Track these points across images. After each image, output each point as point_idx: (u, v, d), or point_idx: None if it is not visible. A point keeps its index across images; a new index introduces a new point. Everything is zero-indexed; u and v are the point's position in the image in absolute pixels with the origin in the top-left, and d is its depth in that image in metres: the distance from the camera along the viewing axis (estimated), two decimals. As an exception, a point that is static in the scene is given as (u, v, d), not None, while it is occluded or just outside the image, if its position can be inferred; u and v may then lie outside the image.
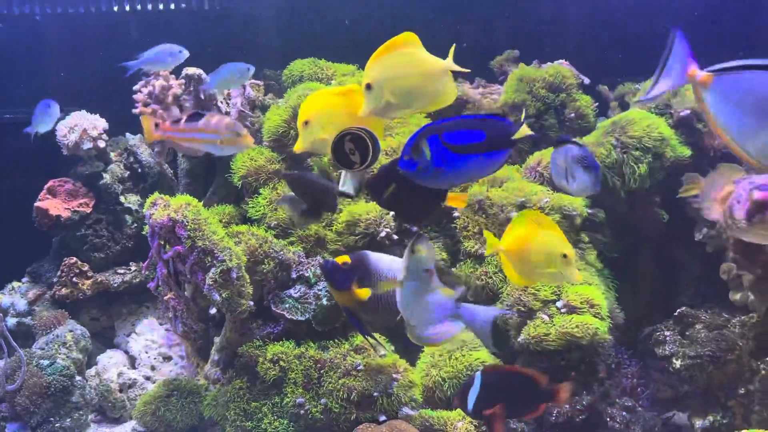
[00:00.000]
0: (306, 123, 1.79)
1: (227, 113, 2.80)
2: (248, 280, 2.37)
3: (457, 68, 1.73)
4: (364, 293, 1.89)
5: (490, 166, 1.62)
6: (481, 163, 1.59)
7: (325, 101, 1.81)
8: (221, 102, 2.77)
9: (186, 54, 2.51)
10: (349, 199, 2.64)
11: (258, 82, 2.90)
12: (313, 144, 1.79)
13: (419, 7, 2.98)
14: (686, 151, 2.58)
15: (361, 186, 1.94)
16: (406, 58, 1.69)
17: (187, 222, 2.27)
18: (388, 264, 1.96)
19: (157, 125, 2.04)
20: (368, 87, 1.65)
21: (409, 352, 2.62)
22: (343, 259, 1.89)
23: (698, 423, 2.39)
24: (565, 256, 1.64)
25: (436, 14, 3.44)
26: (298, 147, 1.80)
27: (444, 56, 1.67)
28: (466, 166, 1.59)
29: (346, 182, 1.94)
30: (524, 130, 1.62)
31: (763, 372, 2.32)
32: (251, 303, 2.38)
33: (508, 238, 1.72)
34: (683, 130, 2.64)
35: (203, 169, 2.92)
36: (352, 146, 1.78)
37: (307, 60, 3.07)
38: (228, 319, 2.52)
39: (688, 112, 2.62)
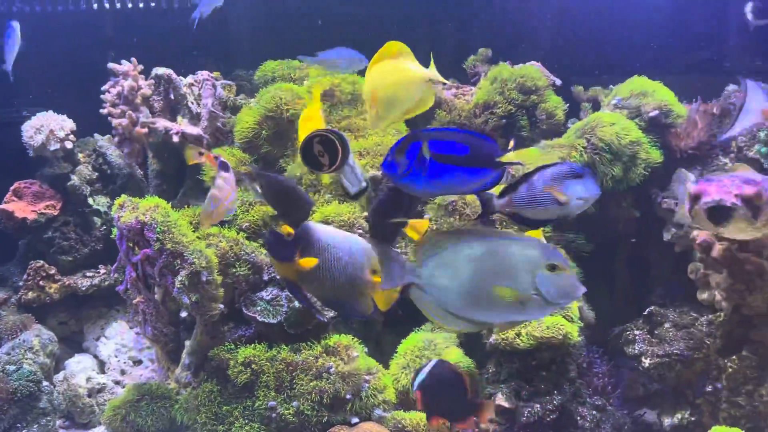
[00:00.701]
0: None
1: (198, 114, 2.77)
2: (219, 283, 2.35)
3: (440, 78, 1.77)
4: (310, 262, 1.85)
5: (470, 182, 1.62)
6: (460, 177, 1.60)
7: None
8: (192, 102, 2.74)
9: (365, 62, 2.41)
10: (324, 201, 2.64)
11: (229, 82, 2.88)
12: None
13: (393, 7, 2.98)
14: (657, 154, 2.61)
15: (360, 188, 1.92)
16: (389, 69, 1.73)
17: (156, 224, 2.24)
18: (332, 234, 1.92)
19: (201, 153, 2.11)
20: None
21: (383, 353, 2.62)
22: (287, 229, 1.85)
23: (667, 421, 2.42)
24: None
25: (410, 14, 3.44)
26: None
27: (420, 57, 1.70)
28: (444, 178, 1.59)
29: (347, 185, 1.92)
30: (512, 156, 1.63)
31: (730, 370, 2.36)
32: (222, 306, 2.35)
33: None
34: (653, 131, 2.67)
35: (174, 170, 2.88)
36: (321, 148, 1.78)
37: (279, 61, 3.05)
38: (199, 323, 2.49)
39: (657, 112, 2.65)
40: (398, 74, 1.75)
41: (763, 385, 2.32)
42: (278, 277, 2.17)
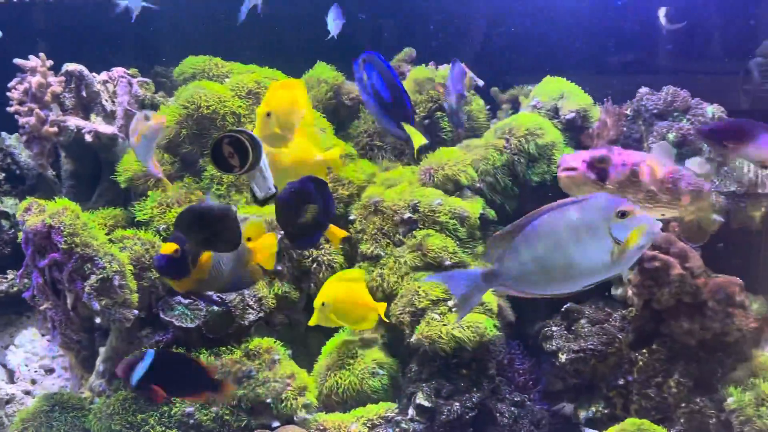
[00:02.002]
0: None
1: (113, 112, 2.67)
2: (133, 288, 2.28)
3: (336, 162, 2.07)
4: (203, 267, 1.82)
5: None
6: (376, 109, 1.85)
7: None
8: (106, 100, 2.64)
9: None
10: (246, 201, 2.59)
11: (146, 79, 2.79)
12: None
13: (313, 7, 2.94)
14: (571, 152, 2.68)
15: (268, 194, 1.88)
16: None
17: (64, 227, 2.15)
18: None
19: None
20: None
21: (311, 354, 2.60)
22: (171, 246, 1.80)
23: (582, 414, 2.48)
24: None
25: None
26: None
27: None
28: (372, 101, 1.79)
29: (255, 190, 1.88)
30: (412, 132, 1.67)
31: (640, 363, 2.44)
32: (136, 311, 2.28)
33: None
34: (569, 132, 2.75)
35: (89, 171, 2.78)
36: (231, 149, 1.74)
37: (201, 57, 2.97)
38: (113, 328, 2.41)
39: (574, 115, 2.72)
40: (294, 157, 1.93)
41: (672, 377, 2.41)
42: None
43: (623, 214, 1.42)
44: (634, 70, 3.28)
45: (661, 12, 3.12)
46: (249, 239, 1.86)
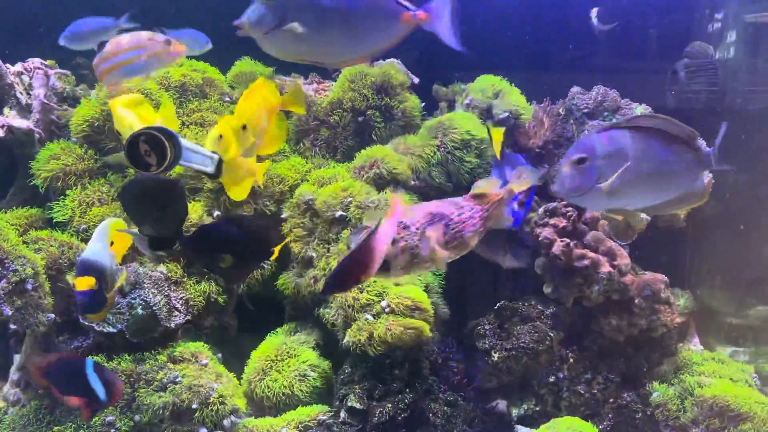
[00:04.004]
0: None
1: (29, 105, 2.53)
2: (48, 291, 2.16)
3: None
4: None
5: None
6: None
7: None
8: (21, 93, 2.49)
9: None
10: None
11: (65, 72, 2.64)
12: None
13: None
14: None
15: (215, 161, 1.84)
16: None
17: (-30, 229, 2.02)
18: (98, 251, 1.85)
19: None
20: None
21: (240, 357, 2.53)
22: (87, 281, 1.76)
23: (515, 411, 2.50)
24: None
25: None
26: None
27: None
28: None
29: None
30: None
31: (571, 360, 2.48)
32: (51, 316, 2.17)
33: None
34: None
35: (2, 168, 2.62)
36: (148, 147, 1.66)
37: (125, 49, 2.84)
38: (28, 334, 2.28)
39: (507, 114, 2.73)
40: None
41: (600, 374, 2.46)
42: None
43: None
44: (567, 68, 3.32)
45: (593, 12, 3.16)
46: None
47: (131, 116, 1.94)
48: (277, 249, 1.85)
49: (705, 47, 3.11)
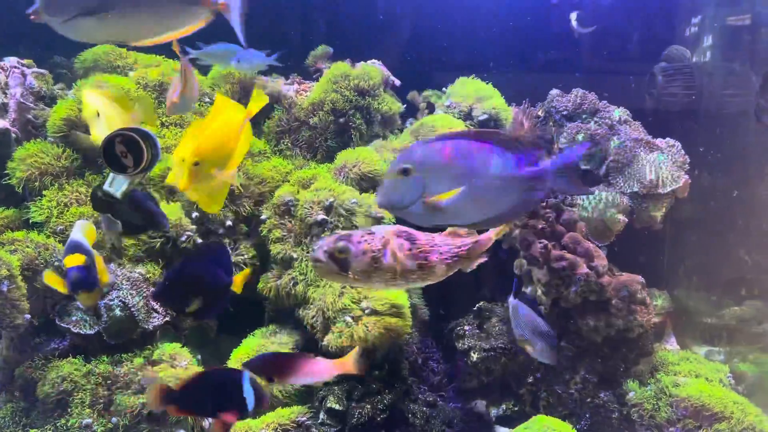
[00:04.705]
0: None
1: (5, 105, 2.50)
2: (24, 292, 2.14)
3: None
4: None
5: None
6: None
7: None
8: (-4, 93, 2.46)
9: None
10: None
11: (42, 71, 2.62)
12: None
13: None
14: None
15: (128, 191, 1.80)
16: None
17: (-56, 230, 1.99)
18: (82, 238, 1.85)
19: None
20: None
21: (220, 358, 2.52)
22: (78, 258, 1.74)
23: (494, 411, 2.52)
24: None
25: (252, 7, 3.32)
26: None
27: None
28: None
29: (114, 183, 1.77)
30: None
31: (549, 360, 2.50)
32: (28, 316, 2.15)
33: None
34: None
35: (-22, 167, 2.58)
36: (124, 149, 1.65)
37: (104, 47, 2.81)
38: (4, 336, 2.26)
39: (487, 116, 2.75)
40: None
41: (578, 373, 2.48)
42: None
43: None
44: (547, 71, 3.35)
45: (573, 16, 3.19)
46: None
47: (98, 101, 1.89)
48: (240, 283, 1.87)
49: (682, 51, 3.16)
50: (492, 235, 1.80)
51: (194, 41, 2.47)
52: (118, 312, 2.26)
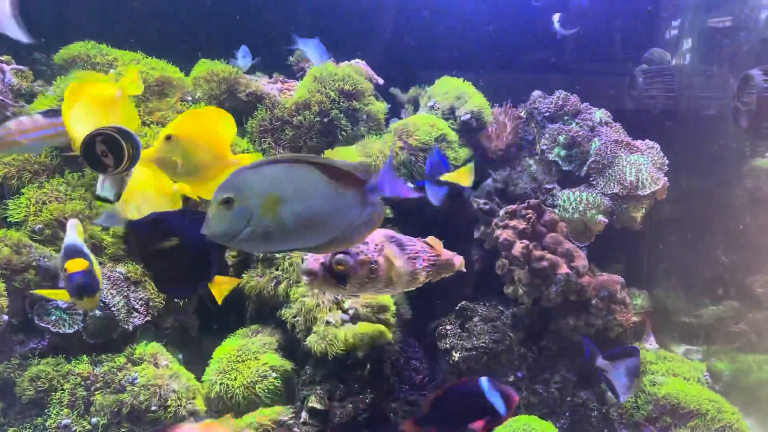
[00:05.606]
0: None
1: (-17, 101, 2.46)
2: (2, 292, 2.12)
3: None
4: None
5: None
6: None
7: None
8: (-26, 89, 2.42)
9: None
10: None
11: (22, 67, 2.58)
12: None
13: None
14: (464, 153, 2.72)
15: (121, 191, 1.78)
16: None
17: None
18: (79, 240, 1.84)
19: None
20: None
21: (202, 358, 2.51)
22: (80, 263, 1.72)
23: (474, 411, 2.53)
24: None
25: (235, 5, 3.31)
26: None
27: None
28: None
29: (105, 186, 1.76)
30: None
31: (530, 359, 2.52)
32: (6, 317, 2.12)
33: None
34: (464, 132, 2.78)
35: (-45, 165, 2.54)
36: (105, 148, 1.63)
37: (84, 43, 2.78)
38: (-19, 336, 2.23)
39: (469, 116, 2.76)
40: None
41: (558, 372, 2.50)
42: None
43: None
44: (529, 71, 3.38)
45: (555, 17, 3.22)
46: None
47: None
48: (224, 290, 1.77)
49: (663, 53, 3.19)
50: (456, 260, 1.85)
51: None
52: (98, 311, 2.24)
